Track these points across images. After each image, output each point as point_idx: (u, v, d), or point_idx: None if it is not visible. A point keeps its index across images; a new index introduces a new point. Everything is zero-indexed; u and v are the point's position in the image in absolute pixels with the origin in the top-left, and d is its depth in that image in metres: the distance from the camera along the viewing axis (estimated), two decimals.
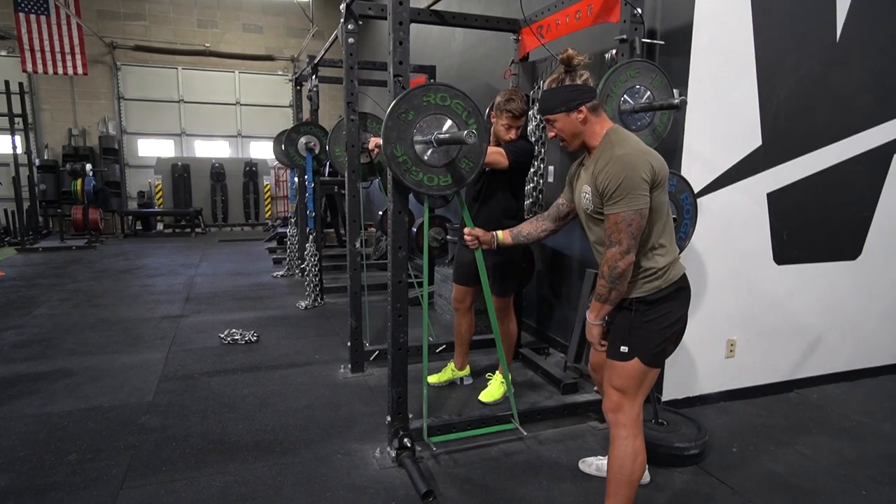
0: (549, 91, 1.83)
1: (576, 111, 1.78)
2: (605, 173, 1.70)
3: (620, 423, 1.83)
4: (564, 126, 1.82)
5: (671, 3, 2.83)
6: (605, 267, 1.73)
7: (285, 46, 12.47)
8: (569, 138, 1.84)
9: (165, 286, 6.09)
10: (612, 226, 1.71)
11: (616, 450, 1.84)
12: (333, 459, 2.50)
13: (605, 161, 1.72)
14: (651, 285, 1.77)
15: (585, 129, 1.81)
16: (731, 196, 2.94)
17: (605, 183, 1.70)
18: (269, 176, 12.26)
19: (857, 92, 3.17)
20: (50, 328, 4.47)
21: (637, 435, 1.83)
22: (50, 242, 9.28)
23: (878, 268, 3.42)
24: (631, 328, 1.79)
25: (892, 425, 2.91)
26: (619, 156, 1.70)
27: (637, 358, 1.77)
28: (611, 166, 1.70)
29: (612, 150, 1.74)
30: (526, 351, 3.73)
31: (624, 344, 1.80)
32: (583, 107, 1.78)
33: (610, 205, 1.70)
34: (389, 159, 2.19)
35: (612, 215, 1.70)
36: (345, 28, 3.21)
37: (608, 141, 1.78)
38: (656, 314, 1.77)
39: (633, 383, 1.80)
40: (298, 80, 6.62)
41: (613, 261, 1.71)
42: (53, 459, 2.48)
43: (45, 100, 11.18)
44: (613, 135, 1.80)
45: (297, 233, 6.53)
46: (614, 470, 1.84)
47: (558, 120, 1.82)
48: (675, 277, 1.80)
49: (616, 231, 1.70)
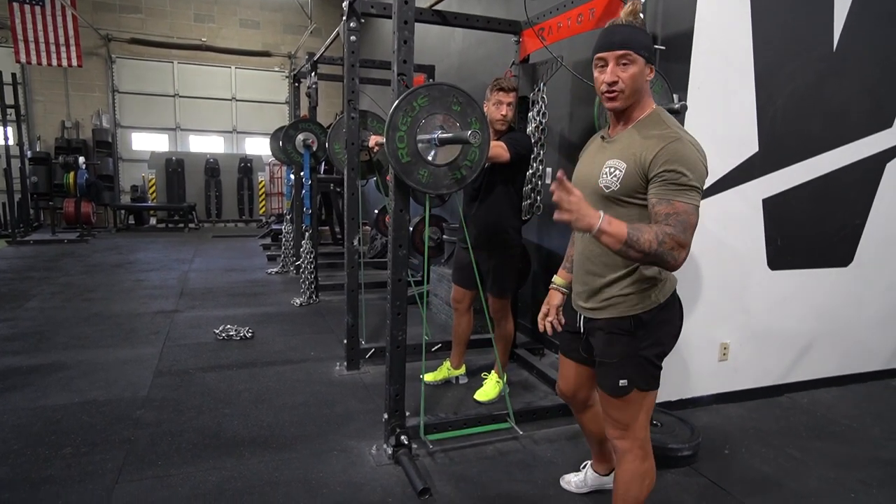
0: (632, 27, 1.53)
1: (650, 67, 1.55)
2: (673, 150, 1.44)
3: (627, 447, 1.70)
4: (638, 74, 1.52)
5: (672, 9, 2.86)
6: (671, 243, 1.37)
7: (282, 43, 12.44)
8: (630, 92, 1.53)
9: (159, 281, 6.06)
10: (681, 213, 1.40)
11: (623, 472, 1.73)
12: (330, 456, 2.51)
13: (668, 137, 1.47)
14: (650, 299, 1.59)
15: (643, 92, 1.56)
16: (728, 201, 2.98)
17: (672, 162, 1.43)
18: (263, 172, 12.23)
19: (852, 101, 3.22)
20: (42, 321, 4.43)
21: (646, 456, 1.71)
22: (41, 235, 9.20)
23: (869, 275, 3.47)
24: (626, 357, 1.61)
25: (881, 430, 2.95)
26: (691, 141, 1.47)
27: (636, 388, 1.62)
28: (682, 146, 1.44)
29: (675, 130, 1.49)
30: (521, 351, 3.75)
31: (622, 378, 1.62)
32: (654, 68, 1.56)
33: (675, 190, 1.42)
34: (392, 158, 2.20)
35: (680, 203, 1.41)
36: (346, 26, 3.22)
37: (660, 121, 1.54)
38: (652, 338, 1.60)
39: (634, 412, 1.66)
40: (296, 77, 6.60)
41: (679, 251, 1.38)
42: (48, 453, 2.47)
43: (38, 91, 11.09)
44: (665, 115, 1.57)
45: (292, 230, 6.52)
46: (621, 491, 1.74)
47: (636, 63, 1.51)
48: (671, 290, 1.64)
49: (688, 223, 1.39)
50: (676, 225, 1.39)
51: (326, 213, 8.45)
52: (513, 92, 2.85)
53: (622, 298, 1.60)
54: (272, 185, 12.26)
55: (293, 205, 6.48)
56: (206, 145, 12.46)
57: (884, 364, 3.66)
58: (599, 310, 1.66)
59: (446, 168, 2.29)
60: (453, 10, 3.44)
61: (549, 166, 3.84)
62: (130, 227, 10.97)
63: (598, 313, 1.66)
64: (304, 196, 5.39)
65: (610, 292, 1.62)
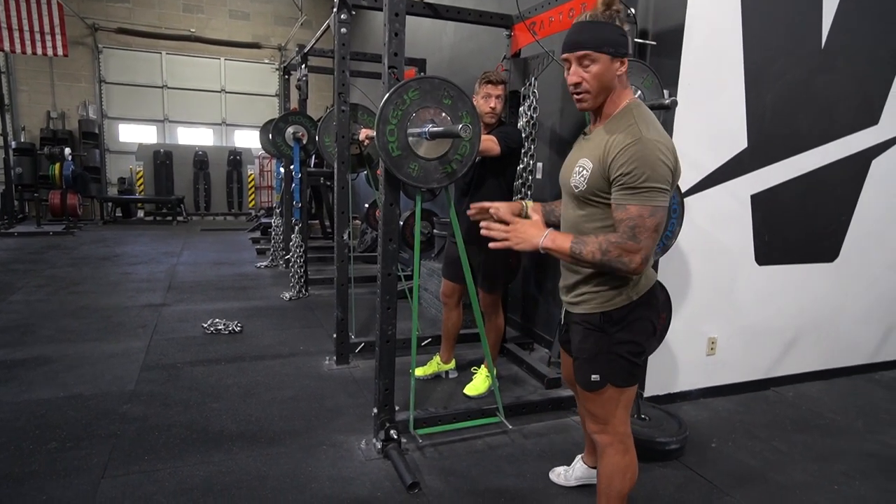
0: (593, 23, 1.45)
1: (620, 60, 1.47)
2: (629, 154, 1.40)
3: (608, 441, 1.71)
4: (603, 72, 1.46)
5: (663, 4, 2.86)
6: (616, 251, 1.42)
7: (273, 34, 12.31)
8: (596, 91, 1.49)
9: (146, 274, 6.00)
10: (634, 217, 1.40)
11: (605, 466, 1.73)
12: (319, 450, 2.50)
13: (630, 138, 1.42)
14: (620, 297, 1.57)
15: (615, 88, 1.50)
16: (717, 196, 2.99)
17: (627, 166, 1.40)
18: (253, 165, 12.12)
19: (840, 98, 3.24)
20: (27, 314, 4.38)
21: (627, 450, 1.72)
22: (26, 227, 9.07)
23: (854, 270, 3.51)
24: (598, 352, 1.61)
25: (864, 423, 2.99)
26: (651, 139, 1.42)
27: (609, 384, 1.61)
28: (639, 148, 1.40)
29: (640, 127, 1.44)
30: (511, 346, 3.76)
31: (594, 372, 1.61)
32: (626, 59, 1.48)
33: (630, 194, 1.41)
34: (382, 151, 2.18)
35: (634, 206, 1.41)
36: (337, 18, 3.19)
37: (630, 116, 1.48)
38: (626, 335, 1.58)
39: (611, 407, 1.65)
40: (287, 70, 6.55)
41: (629, 257, 1.42)
42: (32, 447, 2.44)
43: (22, 81, 10.89)
44: (638, 110, 1.50)
45: (282, 223, 6.48)
46: (603, 484, 1.75)
47: (599, 61, 1.45)
48: (646, 287, 1.60)
49: (642, 226, 1.40)
50: (625, 231, 1.43)
51: (316, 206, 8.40)
52: (501, 85, 2.84)
53: (594, 294, 1.61)
54: (262, 179, 12.16)
55: (283, 198, 6.43)
56: (194, 137, 12.32)
57: (868, 358, 3.71)
58: (575, 304, 1.67)
59: (437, 162, 2.28)
60: (445, 3, 3.42)
61: (540, 161, 3.84)
62: (118, 219, 10.84)
63: (575, 308, 1.68)
64: (294, 189, 5.35)
65: (584, 288, 1.63)
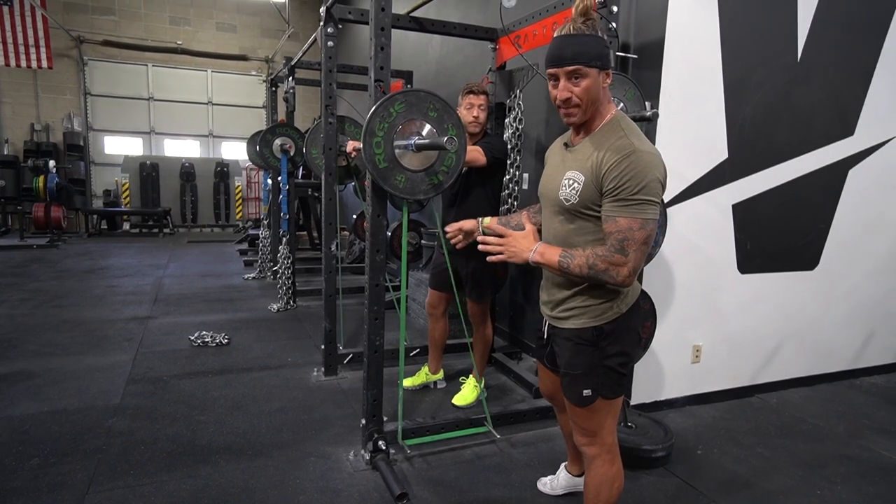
0: (582, 36, 1.43)
1: (606, 73, 1.47)
2: (625, 166, 1.41)
3: (595, 453, 1.72)
4: (593, 86, 1.45)
5: (644, 19, 2.93)
6: (603, 265, 1.44)
7: (259, 47, 12.34)
8: (586, 105, 1.48)
9: (132, 287, 5.95)
10: (624, 230, 1.42)
11: (593, 476, 1.74)
12: (307, 462, 2.49)
13: (621, 150, 1.43)
14: (613, 310, 1.58)
15: (602, 100, 1.50)
16: (699, 206, 3.05)
17: (622, 178, 1.41)
18: (240, 177, 12.09)
19: (816, 110, 3.33)
20: (10, 328, 4.32)
21: (614, 460, 1.73)
22: (9, 241, 8.95)
23: (834, 278, 3.58)
24: (591, 368, 1.60)
25: (846, 428, 3.04)
26: (645, 152, 1.42)
27: (601, 397, 1.62)
28: (634, 160, 1.41)
29: (631, 140, 1.45)
30: (499, 355, 3.78)
31: (586, 387, 1.61)
32: (610, 71, 1.48)
33: (623, 206, 1.42)
34: (369, 163, 2.21)
35: (624, 219, 1.42)
36: (324, 32, 3.22)
37: (618, 128, 1.49)
38: (616, 347, 1.59)
39: (600, 419, 1.67)
40: (274, 82, 6.57)
41: (616, 270, 1.44)
42: (14, 464, 2.40)
43: (6, 93, 10.82)
44: (624, 122, 1.51)
45: (269, 235, 6.47)
46: (591, 495, 1.76)
47: (589, 76, 1.44)
48: (633, 298, 1.62)
49: (630, 238, 1.42)
50: (613, 244, 1.44)
51: (304, 217, 8.39)
52: (483, 95, 2.88)
53: (584, 309, 1.60)
54: (249, 190, 12.13)
55: (270, 210, 6.42)
56: (181, 149, 12.27)
57: (849, 364, 3.78)
58: (563, 319, 1.66)
59: (423, 173, 2.30)
60: (431, 16, 3.47)
61: (526, 171, 3.89)
62: (103, 232, 10.74)
63: (562, 322, 1.66)
64: (282, 201, 5.35)
65: (572, 303, 1.62)
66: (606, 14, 2.65)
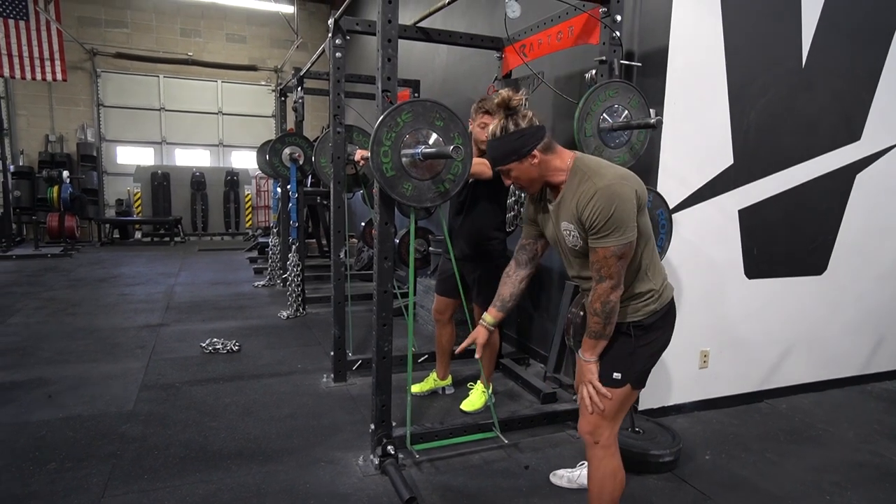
0: (495, 141, 1.71)
1: (528, 157, 1.67)
2: (592, 207, 1.61)
3: (599, 444, 1.79)
4: (521, 174, 1.72)
5: (648, 27, 2.96)
6: (598, 304, 1.66)
7: (269, 57, 12.49)
8: (527, 184, 1.75)
9: (144, 295, 6.02)
10: (600, 260, 1.63)
11: (595, 470, 1.82)
12: (317, 467, 2.53)
13: (589, 194, 1.62)
14: (649, 308, 1.73)
15: (544, 171, 1.72)
16: (705, 212, 3.06)
17: (592, 217, 1.61)
18: (250, 185, 12.21)
19: (822, 115, 3.33)
20: (26, 336, 4.39)
21: (614, 453, 1.82)
22: (24, 250, 9.09)
23: (842, 283, 3.57)
24: (626, 354, 1.75)
25: (856, 434, 3.03)
26: (603, 187, 1.61)
27: (629, 383, 1.74)
28: (597, 199, 1.60)
29: (592, 181, 1.64)
30: (507, 361, 3.80)
31: (617, 371, 1.74)
32: (535, 150, 1.67)
33: (598, 238, 1.62)
34: (376, 172, 2.25)
35: (600, 249, 1.62)
36: (332, 42, 3.28)
37: (580, 172, 1.69)
38: (651, 338, 1.75)
39: (617, 407, 1.77)
40: (283, 91, 6.65)
41: (605, 296, 1.65)
42: (32, 468, 2.46)
43: (21, 105, 11.01)
44: (582, 164, 1.70)
45: (279, 243, 6.53)
46: (595, 490, 1.83)
47: (513, 169, 1.71)
48: (668, 298, 1.78)
49: (606, 265, 1.62)
50: (595, 277, 1.66)
51: (313, 225, 8.46)
52: None
53: (623, 309, 1.74)
54: (259, 199, 12.24)
55: (280, 218, 6.49)
56: (192, 159, 12.42)
57: (859, 370, 3.76)
58: None
59: (430, 182, 2.34)
60: (438, 26, 3.52)
61: None
62: (115, 240, 10.88)
63: None
64: (291, 209, 5.41)
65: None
66: (610, 23, 2.69)
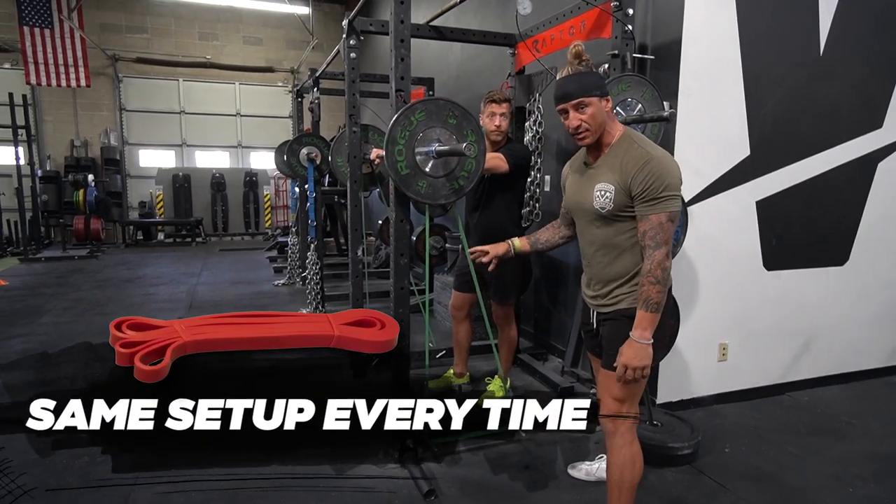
0: (579, 74, 1.71)
1: (605, 99, 1.72)
2: (648, 172, 1.65)
3: (619, 431, 1.82)
4: (597, 112, 1.71)
5: (660, 19, 2.95)
6: (658, 271, 1.66)
7: (285, 58, 12.62)
8: (595, 128, 1.72)
9: (168, 295, 6.16)
10: (655, 227, 1.66)
11: (615, 457, 1.84)
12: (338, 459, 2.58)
13: (642, 160, 1.67)
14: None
15: (607, 121, 1.74)
16: (721, 204, 3.04)
17: (647, 182, 1.65)
18: (269, 186, 12.37)
19: (842, 103, 3.28)
20: (55, 336, 4.53)
21: (633, 440, 1.84)
22: (52, 252, 9.35)
23: (864, 273, 3.51)
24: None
25: (880, 426, 2.99)
26: (659, 156, 1.68)
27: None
28: (654, 166, 1.65)
29: (645, 149, 1.69)
30: (524, 356, 3.81)
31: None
32: (609, 97, 1.74)
33: (652, 204, 1.66)
34: (391, 170, 2.28)
35: (653, 216, 1.66)
36: (347, 43, 3.33)
37: (629, 140, 1.74)
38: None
39: (631, 392, 1.80)
40: (299, 92, 6.74)
41: (663, 262, 1.67)
42: (65, 462, 2.56)
43: (47, 111, 11.29)
44: (633, 133, 1.77)
45: (298, 242, 6.62)
46: (615, 478, 1.85)
47: (592, 104, 1.70)
48: (670, 283, 1.78)
49: (662, 231, 1.66)
50: (649, 245, 1.68)
51: (331, 224, 8.55)
52: (505, 103, 2.91)
53: (626, 294, 1.80)
54: (277, 199, 12.38)
55: (298, 217, 6.58)
56: (211, 160, 12.62)
57: (883, 361, 3.70)
58: (611, 305, 1.84)
59: (444, 179, 2.37)
60: (450, 24, 3.54)
61: (547, 174, 3.92)
62: (139, 242, 11.12)
63: (611, 307, 1.85)
64: (309, 208, 5.49)
65: (618, 291, 1.82)
66: (622, 17, 2.68)
